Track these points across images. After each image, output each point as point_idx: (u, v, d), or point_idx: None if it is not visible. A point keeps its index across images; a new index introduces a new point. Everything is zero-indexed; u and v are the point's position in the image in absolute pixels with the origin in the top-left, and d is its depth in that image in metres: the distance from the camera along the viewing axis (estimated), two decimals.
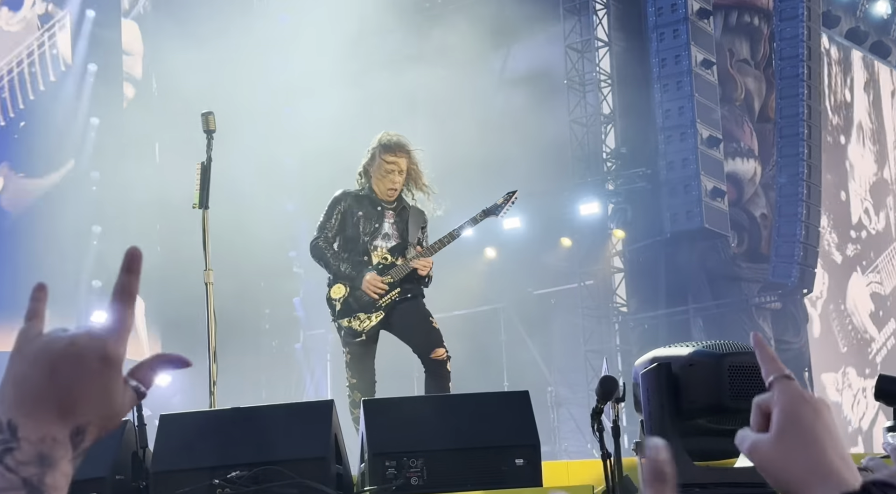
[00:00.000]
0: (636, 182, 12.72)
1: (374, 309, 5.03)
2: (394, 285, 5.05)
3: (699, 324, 13.19)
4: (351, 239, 5.12)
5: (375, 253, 5.09)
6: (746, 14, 14.16)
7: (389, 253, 5.11)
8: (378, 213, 5.13)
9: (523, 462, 3.71)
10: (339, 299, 5.06)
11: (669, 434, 3.62)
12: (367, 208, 5.13)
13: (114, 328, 0.87)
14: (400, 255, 5.11)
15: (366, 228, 5.10)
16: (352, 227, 5.11)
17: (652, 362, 3.74)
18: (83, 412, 0.84)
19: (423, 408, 3.98)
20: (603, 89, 13.26)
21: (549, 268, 13.03)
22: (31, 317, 0.90)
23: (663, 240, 12.77)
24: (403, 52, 14.90)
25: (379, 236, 5.11)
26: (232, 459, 3.54)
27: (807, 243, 12.59)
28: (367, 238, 5.08)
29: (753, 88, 14.27)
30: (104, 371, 0.85)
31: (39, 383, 0.84)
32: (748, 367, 3.65)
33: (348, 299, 5.05)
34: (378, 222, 5.12)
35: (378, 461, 3.66)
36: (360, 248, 5.09)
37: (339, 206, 5.14)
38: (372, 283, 4.99)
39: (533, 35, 14.20)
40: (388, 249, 5.11)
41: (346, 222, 5.12)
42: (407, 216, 5.17)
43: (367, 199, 5.15)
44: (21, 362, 0.86)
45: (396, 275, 5.06)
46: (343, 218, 5.12)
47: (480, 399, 4.02)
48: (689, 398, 3.64)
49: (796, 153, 12.65)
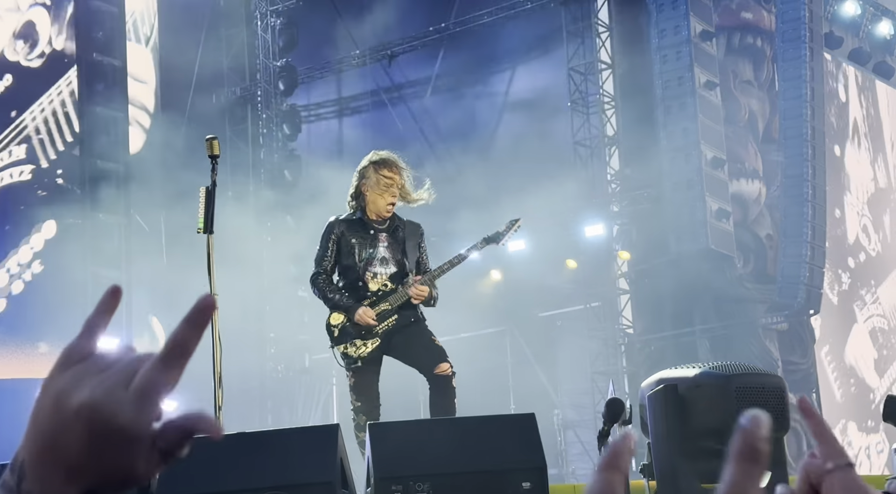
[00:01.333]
0: (641, 203, 12.72)
1: (370, 336, 5.03)
2: (391, 312, 5.04)
3: (706, 345, 13.14)
4: (349, 268, 5.11)
5: (374, 280, 5.07)
6: (749, 35, 14.20)
7: (389, 280, 5.09)
8: (371, 237, 5.10)
9: (530, 486, 3.69)
10: (337, 326, 5.07)
11: (676, 456, 3.61)
12: (360, 233, 5.11)
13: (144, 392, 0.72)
14: (399, 282, 5.09)
15: (361, 254, 5.08)
16: (347, 254, 5.09)
17: (658, 383, 3.73)
18: (94, 477, 0.73)
19: (430, 431, 3.97)
20: (606, 111, 13.29)
21: (554, 290, 13.01)
22: (85, 334, 0.77)
23: (669, 261, 12.75)
24: (410, 78, 14.97)
25: (376, 261, 5.09)
26: (237, 484, 3.53)
27: (812, 263, 12.57)
28: (363, 265, 5.07)
29: (757, 109, 14.29)
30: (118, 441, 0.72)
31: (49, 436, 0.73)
32: (755, 388, 3.64)
33: (346, 325, 5.05)
34: (373, 247, 5.09)
35: (384, 485, 3.64)
36: (357, 275, 5.08)
37: (332, 234, 5.13)
38: (363, 317, 4.99)
39: (536, 58, 14.27)
40: (389, 276, 5.09)
41: (342, 249, 5.11)
42: (402, 236, 5.14)
43: (359, 223, 5.13)
44: (43, 397, 0.74)
45: (394, 302, 5.04)
46: (338, 246, 5.11)
47: (486, 422, 4.01)
48: (696, 420, 3.63)
49: (800, 174, 12.65)
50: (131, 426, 0.72)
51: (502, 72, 14.49)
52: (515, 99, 14.34)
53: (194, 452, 2.67)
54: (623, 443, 0.71)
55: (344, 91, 15.76)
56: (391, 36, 14.67)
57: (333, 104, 15.87)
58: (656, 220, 12.66)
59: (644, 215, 12.80)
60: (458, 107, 14.68)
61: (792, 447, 13.09)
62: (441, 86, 14.80)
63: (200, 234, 4.48)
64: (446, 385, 4.86)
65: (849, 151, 15.39)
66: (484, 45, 14.48)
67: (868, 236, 15.40)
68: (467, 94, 14.70)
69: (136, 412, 0.73)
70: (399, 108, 14.92)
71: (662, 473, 3.63)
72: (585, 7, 13.25)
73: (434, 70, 14.62)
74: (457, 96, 14.79)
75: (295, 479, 3.57)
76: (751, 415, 0.67)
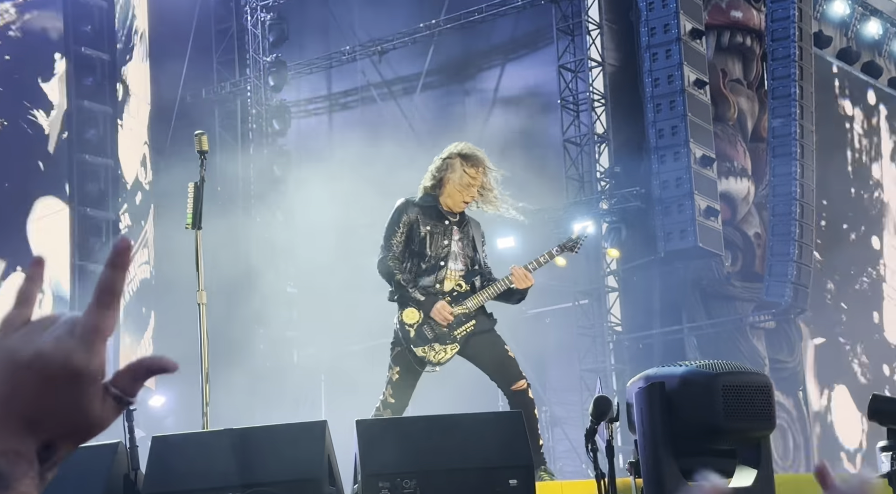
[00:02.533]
0: (630, 201, 12.74)
1: (449, 341, 4.86)
2: (469, 316, 4.90)
3: (693, 343, 13.18)
4: (417, 254, 4.87)
5: (449, 278, 4.89)
6: (739, 34, 14.23)
7: (463, 280, 4.93)
8: (445, 228, 4.89)
9: (517, 483, 3.70)
10: (413, 326, 4.85)
11: (663, 454, 3.62)
12: (435, 221, 4.88)
13: (88, 336, 0.76)
14: (470, 281, 4.95)
15: (433, 245, 4.86)
16: (418, 242, 4.85)
17: (645, 381, 3.74)
18: (52, 427, 0.76)
19: (417, 429, 3.97)
20: (596, 109, 13.31)
21: (543, 287, 13.00)
22: (20, 301, 0.79)
23: (657, 259, 12.78)
24: (399, 74, 14.96)
25: (449, 255, 4.89)
26: (225, 481, 3.53)
27: (800, 262, 12.61)
28: (434, 256, 4.86)
29: (746, 108, 14.32)
30: (74, 386, 0.75)
31: (3, 394, 0.75)
32: (742, 387, 3.65)
33: (422, 327, 4.84)
34: (447, 240, 4.88)
35: (372, 482, 3.64)
36: (428, 267, 4.87)
37: (403, 216, 4.86)
38: (441, 312, 4.80)
39: (526, 55, 14.27)
40: (462, 275, 4.93)
41: (412, 235, 4.85)
42: (470, 232, 4.98)
43: (434, 211, 4.89)
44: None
45: (472, 304, 4.91)
46: (409, 230, 4.85)
47: (474, 420, 4.01)
48: (682, 418, 3.64)
49: (789, 172, 12.69)
50: (83, 370, 0.75)
51: (492, 69, 14.49)
52: (505, 96, 14.35)
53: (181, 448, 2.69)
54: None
55: (334, 87, 15.74)
56: (381, 32, 14.65)
57: (323, 100, 15.85)
58: (645, 218, 12.69)
59: (633, 213, 12.83)
60: (449, 103, 14.68)
61: (778, 444, 13.14)
62: (431, 82, 14.79)
63: (189, 229, 4.47)
64: (525, 401, 4.75)
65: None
66: (474, 41, 14.48)
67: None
68: (457, 90, 14.70)
69: (86, 355, 0.76)
70: (389, 104, 14.91)
71: (649, 471, 3.64)
72: (576, 5, 13.26)
73: (424, 66, 14.62)
74: (447, 93, 14.79)
75: (282, 475, 3.57)
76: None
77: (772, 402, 3.68)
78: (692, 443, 3.71)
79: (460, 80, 14.67)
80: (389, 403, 4.86)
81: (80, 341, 0.76)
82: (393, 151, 13.98)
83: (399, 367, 4.90)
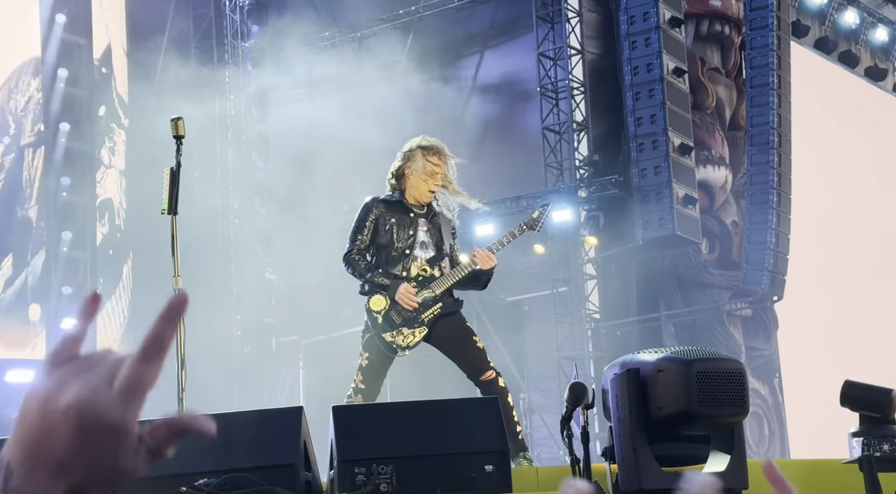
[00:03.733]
0: (609, 189, 12.78)
1: (416, 325, 4.93)
2: (436, 299, 4.96)
3: (671, 331, 13.25)
4: (384, 247, 4.99)
5: (414, 264, 4.98)
6: (717, 23, 14.26)
7: (428, 264, 5.00)
8: (411, 220, 5.01)
9: (493, 469, 3.72)
10: (380, 312, 4.92)
11: (637, 440, 3.64)
12: (400, 214, 5.01)
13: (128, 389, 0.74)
14: (437, 266, 5.01)
15: (400, 236, 4.97)
16: (384, 235, 4.98)
17: (620, 367, 3.76)
18: (83, 473, 0.75)
19: (393, 415, 3.98)
20: (576, 97, 13.32)
21: (522, 275, 13.05)
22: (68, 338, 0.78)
23: (635, 247, 12.83)
24: (379, 60, 14.91)
25: (416, 245, 5.00)
26: (199, 466, 3.52)
27: (777, 250, 12.69)
28: (401, 246, 4.97)
29: (724, 97, 14.38)
30: (107, 438, 0.74)
31: (37, 437, 0.75)
32: (716, 373, 3.67)
33: (390, 312, 4.92)
34: (412, 230, 5.00)
35: (347, 467, 3.65)
36: (395, 257, 4.97)
37: (371, 213, 5.00)
38: (405, 295, 4.88)
39: (505, 42, 14.26)
40: (427, 260, 5.01)
41: (379, 229, 4.99)
42: (439, 223, 5.08)
43: (399, 205, 5.03)
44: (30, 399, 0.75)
45: (438, 288, 4.96)
46: (375, 226, 4.99)
47: (450, 406, 4.03)
48: (657, 404, 3.66)
49: (766, 161, 12.75)
50: (118, 423, 0.74)
51: (471, 56, 14.47)
52: (484, 83, 14.34)
53: None
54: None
55: (313, 73, 15.68)
56: (361, 18, 14.60)
57: (303, 86, 15.78)
58: (624, 206, 12.73)
59: (612, 201, 12.87)
60: (428, 90, 14.65)
61: (753, 431, 13.25)
62: (410, 69, 14.76)
63: (165, 215, 4.45)
64: (495, 390, 4.75)
65: None
66: (453, 28, 14.45)
67: None
68: (436, 77, 14.67)
69: (122, 409, 0.75)
70: (368, 90, 14.85)
71: (624, 456, 3.66)
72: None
73: (403, 53, 14.58)
74: (426, 80, 14.76)
75: (258, 461, 3.57)
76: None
77: (745, 388, 3.71)
78: (666, 429, 3.74)
79: (439, 67, 14.64)
80: (360, 389, 4.90)
81: (119, 394, 0.75)
82: (372, 138, 13.96)
83: (369, 353, 4.95)
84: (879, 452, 3.92)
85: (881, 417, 4.04)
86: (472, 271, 5.01)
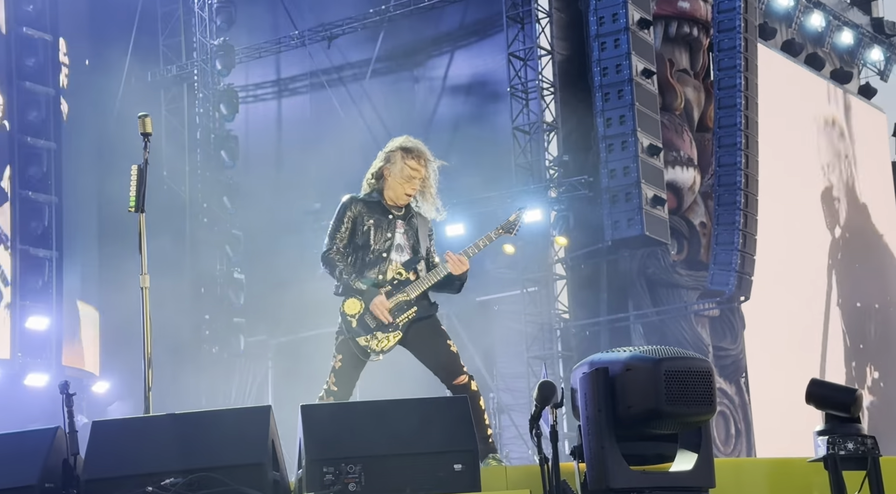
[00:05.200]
0: (578, 190, 12.82)
1: (391, 329, 4.90)
2: (410, 303, 4.93)
3: (639, 331, 13.32)
4: (362, 248, 4.96)
5: (390, 267, 4.95)
6: (686, 25, 14.36)
7: (404, 268, 4.98)
8: (389, 222, 4.98)
9: (462, 467, 3.71)
10: (354, 316, 4.89)
11: (606, 439, 3.65)
12: (378, 215, 4.97)
13: None
14: (413, 270, 4.99)
15: (377, 238, 4.94)
16: (362, 236, 4.95)
17: (589, 366, 3.77)
18: None
19: (362, 414, 3.97)
20: (546, 97, 13.36)
21: (491, 275, 13.07)
22: None
23: (605, 247, 12.88)
24: (349, 59, 14.88)
25: (392, 248, 4.97)
26: (166, 466, 3.49)
27: (744, 251, 12.78)
28: (378, 248, 4.94)
29: (693, 98, 14.47)
30: None
31: None
32: (684, 372, 3.69)
33: (364, 316, 4.89)
34: (390, 232, 4.97)
35: (316, 467, 3.63)
36: (371, 260, 4.94)
37: (348, 212, 4.96)
38: (379, 308, 4.85)
39: (476, 42, 14.27)
40: (403, 263, 4.98)
41: (356, 229, 4.95)
42: (416, 225, 5.05)
43: (377, 206, 4.99)
44: None
45: (413, 292, 4.94)
46: (353, 225, 4.95)
47: (419, 405, 4.02)
48: (625, 403, 3.67)
49: (734, 163, 12.84)
50: None
51: (442, 56, 14.47)
52: (455, 83, 14.34)
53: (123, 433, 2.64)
54: None
55: (282, 72, 15.61)
56: (331, 17, 14.56)
57: (271, 85, 15.71)
58: (593, 206, 12.78)
59: (581, 202, 12.91)
60: (398, 90, 14.63)
61: (720, 430, 13.36)
62: (380, 68, 14.73)
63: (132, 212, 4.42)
64: (467, 394, 4.70)
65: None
66: (424, 28, 14.44)
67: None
68: (406, 77, 14.65)
69: None
70: (338, 90, 14.82)
71: (592, 455, 3.67)
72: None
73: (374, 52, 14.55)
74: (396, 79, 14.74)
75: (225, 460, 3.54)
76: None
77: (713, 387, 3.73)
78: (635, 428, 3.75)
79: (409, 66, 14.63)
80: (333, 391, 4.88)
81: None
82: (342, 138, 13.91)
83: (342, 355, 4.92)
84: (844, 450, 3.95)
85: (846, 416, 4.08)
86: (446, 275, 4.98)
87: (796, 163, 15.74)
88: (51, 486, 3.46)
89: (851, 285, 16.30)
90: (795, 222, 15.37)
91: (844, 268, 16.29)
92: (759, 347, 14.06)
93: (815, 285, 15.71)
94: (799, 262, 15.40)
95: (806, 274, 15.50)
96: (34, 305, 11.78)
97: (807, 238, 15.76)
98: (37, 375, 11.59)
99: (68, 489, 3.53)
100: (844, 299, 16.13)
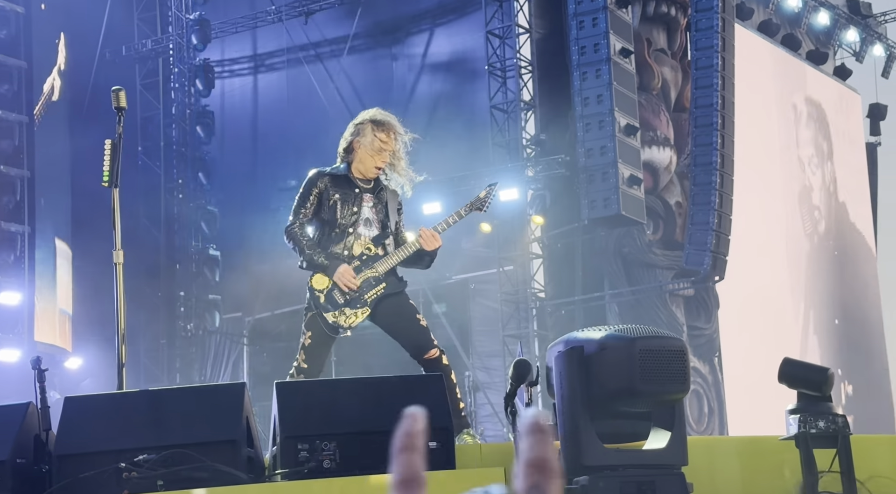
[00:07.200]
0: (555, 169, 12.82)
1: (359, 305, 4.84)
2: (379, 279, 4.87)
3: (615, 310, 13.38)
4: (327, 223, 4.89)
5: (358, 242, 4.88)
6: (664, 4, 14.35)
7: (373, 243, 4.91)
8: (356, 195, 4.90)
9: (436, 445, 3.72)
10: (322, 291, 4.82)
11: (580, 417, 3.67)
12: (345, 189, 4.88)
13: None
14: (381, 245, 4.93)
15: (343, 212, 4.86)
16: (328, 210, 4.87)
17: (565, 345, 3.78)
18: None
19: (336, 391, 3.96)
20: (524, 76, 13.33)
21: (468, 253, 13.08)
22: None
23: (581, 227, 12.91)
24: (326, 36, 14.77)
25: (360, 222, 4.89)
26: (139, 442, 3.48)
27: (719, 231, 12.84)
28: (344, 222, 4.87)
29: (670, 78, 14.49)
30: None
31: None
32: (658, 351, 3.71)
33: (332, 291, 4.82)
34: (357, 206, 4.89)
35: (290, 444, 3.63)
36: (337, 235, 4.87)
37: (314, 187, 4.87)
38: (343, 277, 4.78)
39: (454, 20, 14.21)
40: (372, 238, 4.91)
41: (322, 204, 4.87)
42: (385, 199, 4.97)
43: (344, 179, 4.90)
44: None
45: (382, 267, 4.87)
46: (319, 200, 4.88)
47: (394, 383, 4.02)
48: (600, 382, 3.69)
49: (710, 143, 12.88)
50: None
51: (420, 33, 14.40)
52: (433, 61, 14.28)
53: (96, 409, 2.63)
54: (411, 423, 0.69)
55: (259, 47, 15.48)
56: None
57: (248, 61, 15.59)
58: (570, 186, 12.79)
59: (558, 181, 12.92)
60: (376, 67, 14.55)
61: (693, 409, 13.46)
62: (358, 45, 14.64)
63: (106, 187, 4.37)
64: (439, 368, 4.68)
65: None
66: (402, 5, 14.36)
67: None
68: (384, 54, 14.57)
69: None
70: (315, 66, 14.72)
71: (567, 433, 3.69)
72: None
73: (351, 29, 14.46)
74: (374, 57, 14.66)
75: (199, 437, 3.53)
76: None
77: (687, 366, 3.75)
78: (609, 406, 3.77)
79: (388, 44, 14.55)
80: (303, 368, 4.82)
81: None
82: (318, 115, 13.83)
83: (311, 332, 4.86)
84: (815, 429, 3.99)
85: (818, 395, 4.12)
86: (417, 250, 4.94)
87: (772, 144, 15.81)
88: (22, 461, 3.44)
89: (827, 265, 16.44)
90: (771, 202, 15.46)
91: (819, 246, 16.42)
92: (732, 326, 14.17)
93: (790, 266, 15.83)
94: (773, 242, 15.51)
95: (780, 254, 15.62)
96: (6, 280, 11.69)
97: (782, 219, 15.86)
98: (9, 350, 11.52)
99: (40, 464, 3.51)
100: (820, 281, 16.27)
